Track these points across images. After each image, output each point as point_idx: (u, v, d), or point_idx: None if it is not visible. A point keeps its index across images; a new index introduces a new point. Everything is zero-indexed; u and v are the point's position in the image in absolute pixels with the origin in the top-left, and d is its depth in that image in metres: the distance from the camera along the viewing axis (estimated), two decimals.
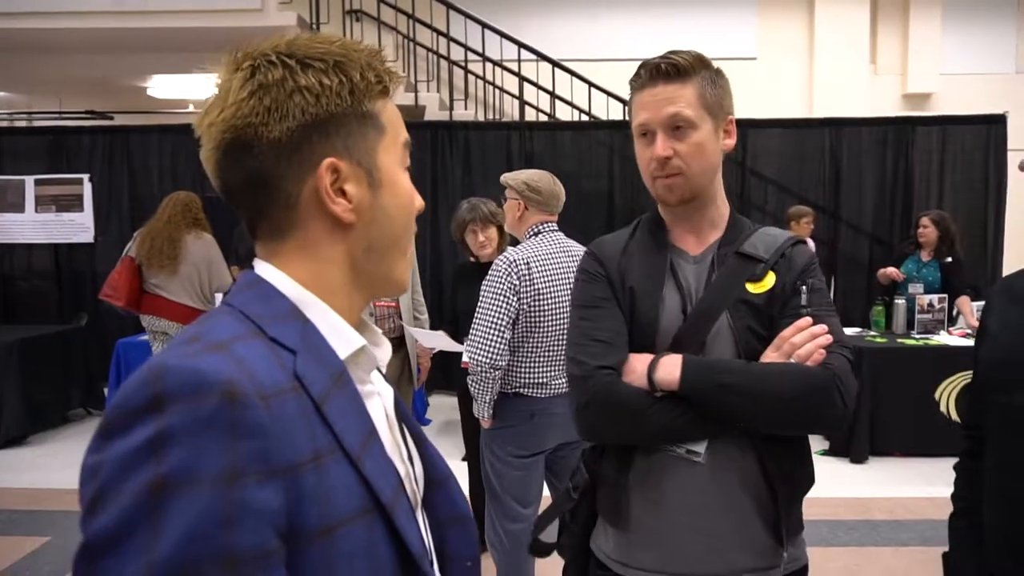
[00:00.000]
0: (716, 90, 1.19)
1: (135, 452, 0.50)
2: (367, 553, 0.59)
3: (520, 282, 2.28)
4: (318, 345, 0.64)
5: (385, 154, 0.69)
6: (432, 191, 5.94)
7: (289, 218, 0.66)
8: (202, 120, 0.66)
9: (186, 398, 0.51)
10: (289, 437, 0.55)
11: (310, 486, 0.55)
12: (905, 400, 4.32)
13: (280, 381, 0.57)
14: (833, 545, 3.26)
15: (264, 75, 0.63)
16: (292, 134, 0.64)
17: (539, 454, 2.41)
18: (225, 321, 0.61)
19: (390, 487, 0.64)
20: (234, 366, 0.54)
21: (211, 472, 0.50)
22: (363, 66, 0.67)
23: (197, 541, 0.49)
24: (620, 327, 1.20)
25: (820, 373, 1.11)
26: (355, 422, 0.63)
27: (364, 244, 0.69)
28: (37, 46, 6.66)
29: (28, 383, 4.85)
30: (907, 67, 7.70)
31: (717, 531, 1.17)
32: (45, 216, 5.97)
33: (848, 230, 5.96)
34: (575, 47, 7.31)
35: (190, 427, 0.50)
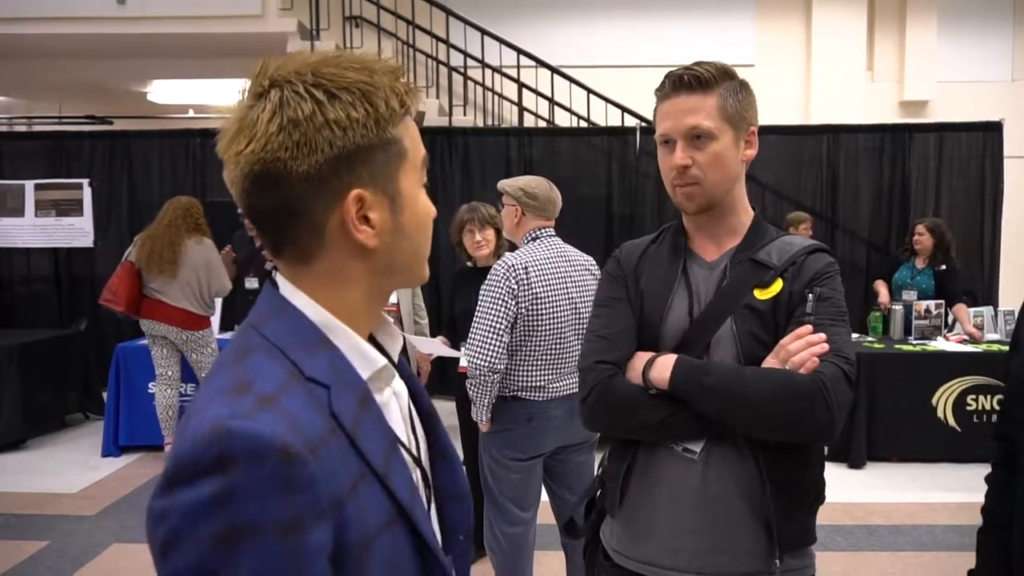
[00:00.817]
0: (738, 102, 1.21)
1: (205, 503, 0.56)
2: (393, 552, 0.67)
3: (519, 286, 2.30)
4: (345, 371, 0.69)
5: (406, 178, 0.72)
6: (431, 197, 5.88)
7: (315, 245, 0.69)
8: (227, 147, 0.67)
9: (248, 460, 0.57)
10: (335, 477, 0.61)
11: (350, 513, 0.62)
12: (903, 405, 4.34)
13: (321, 428, 0.63)
14: (831, 550, 3.27)
15: (293, 110, 0.65)
16: (320, 167, 0.66)
17: (537, 457, 2.42)
18: (268, 366, 0.65)
19: (407, 492, 0.70)
20: (286, 426, 0.59)
21: (274, 523, 0.56)
22: (387, 92, 0.68)
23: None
24: (627, 325, 1.25)
25: (805, 380, 1.11)
26: (380, 442, 0.68)
27: (386, 264, 0.72)
28: (37, 51, 6.68)
29: (27, 387, 4.85)
30: (904, 74, 7.74)
31: (708, 531, 1.18)
32: (45, 221, 5.97)
33: (845, 236, 5.98)
34: (574, 53, 7.34)
35: (253, 485, 0.56)
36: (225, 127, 0.68)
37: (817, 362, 1.12)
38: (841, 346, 1.15)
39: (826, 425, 1.11)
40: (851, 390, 1.14)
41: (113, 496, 3.94)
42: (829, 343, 1.14)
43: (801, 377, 1.11)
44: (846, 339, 1.18)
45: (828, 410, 1.10)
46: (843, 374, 1.13)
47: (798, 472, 1.19)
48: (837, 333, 1.16)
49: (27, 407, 4.85)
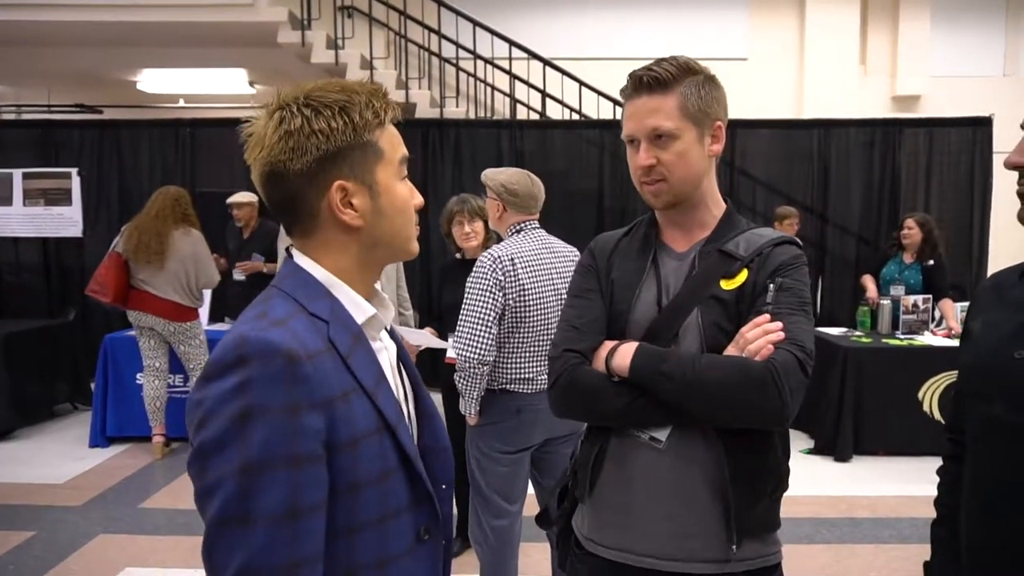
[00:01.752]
0: (701, 98, 1.22)
1: (228, 391, 0.77)
2: (379, 456, 0.86)
3: (505, 278, 2.31)
4: (342, 315, 0.90)
5: (382, 171, 0.92)
6: (422, 189, 5.91)
7: (313, 224, 0.91)
8: (249, 155, 0.90)
9: (261, 358, 0.78)
10: (327, 382, 0.81)
11: (341, 413, 0.82)
12: (889, 400, 4.37)
13: (319, 345, 0.84)
14: (815, 542, 3.30)
15: (288, 124, 0.87)
16: (310, 166, 0.87)
17: (525, 450, 2.43)
18: (281, 303, 0.87)
19: (394, 413, 0.89)
20: (291, 337, 0.80)
21: (279, 404, 0.77)
22: (363, 107, 0.89)
23: (272, 446, 0.76)
24: (598, 315, 1.28)
25: (756, 366, 1.12)
26: (370, 369, 0.89)
27: (370, 240, 0.93)
28: (25, 38, 6.62)
29: (15, 377, 4.83)
30: (896, 69, 7.75)
31: (676, 517, 1.20)
32: (33, 210, 5.93)
33: (835, 231, 6.00)
34: (566, 46, 7.32)
35: (264, 377, 0.77)
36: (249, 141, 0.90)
37: (772, 349, 1.13)
38: (797, 334, 1.16)
39: (777, 410, 1.13)
40: (805, 376, 1.15)
41: (100, 487, 3.93)
42: (786, 331, 1.15)
43: (754, 364, 1.13)
44: (804, 328, 1.19)
45: (780, 396, 1.12)
46: (796, 361, 1.14)
47: (758, 460, 1.21)
48: (795, 322, 1.17)
49: (15, 397, 4.83)
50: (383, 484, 0.86)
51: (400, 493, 0.88)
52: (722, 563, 1.20)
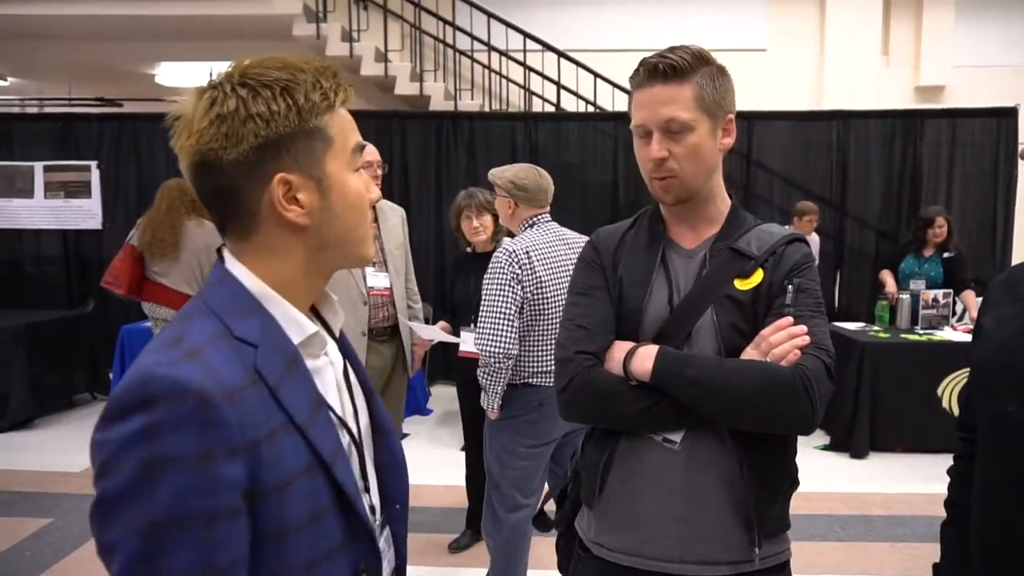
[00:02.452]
0: (715, 89, 1.18)
1: (130, 436, 0.66)
2: (311, 497, 0.76)
3: (522, 271, 2.30)
4: (276, 336, 0.78)
5: (332, 162, 0.80)
6: (436, 181, 5.95)
7: (252, 223, 0.79)
8: (176, 141, 0.78)
9: (168, 400, 0.67)
10: (250, 422, 0.71)
11: (266, 456, 0.72)
12: (907, 396, 4.30)
13: (241, 379, 0.72)
14: (829, 540, 3.26)
15: (221, 106, 0.75)
16: (247, 155, 0.76)
17: (548, 444, 2.42)
18: (201, 325, 0.75)
19: (331, 447, 0.79)
20: (205, 373, 0.69)
21: (190, 453, 0.66)
22: (308, 88, 0.77)
23: (182, 502, 0.66)
24: (607, 314, 1.23)
25: (787, 372, 1.10)
26: (304, 399, 0.78)
27: (318, 240, 0.81)
28: (46, 32, 6.70)
29: (35, 367, 4.91)
30: (920, 59, 7.61)
31: (689, 520, 1.17)
32: (54, 202, 6.00)
33: (854, 224, 5.91)
34: (582, 37, 7.27)
35: (172, 422, 0.66)
36: (176, 126, 0.78)
37: (799, 354, 1.11)
38: (822, 338, 1.14)
39: (807, 418, 1.10)
40: (832, 383, 1.13)
41: None
42: (810, 335, 1.13)
43: (783, 370, 1.10)
44: (825, 331, 1.17)
45: (811, 403, 1.09)
46: (824, 367, 1.12)
47: (776, 461, 1.19)
48: (817, 325, 1.15)
49: (35, 387, 4.91)
50: (315, 526, 0.76)
51: (334, 533, 0.78)
52: (735, 564, 1.17)
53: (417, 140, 5.95)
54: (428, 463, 4.15)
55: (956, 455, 1.26)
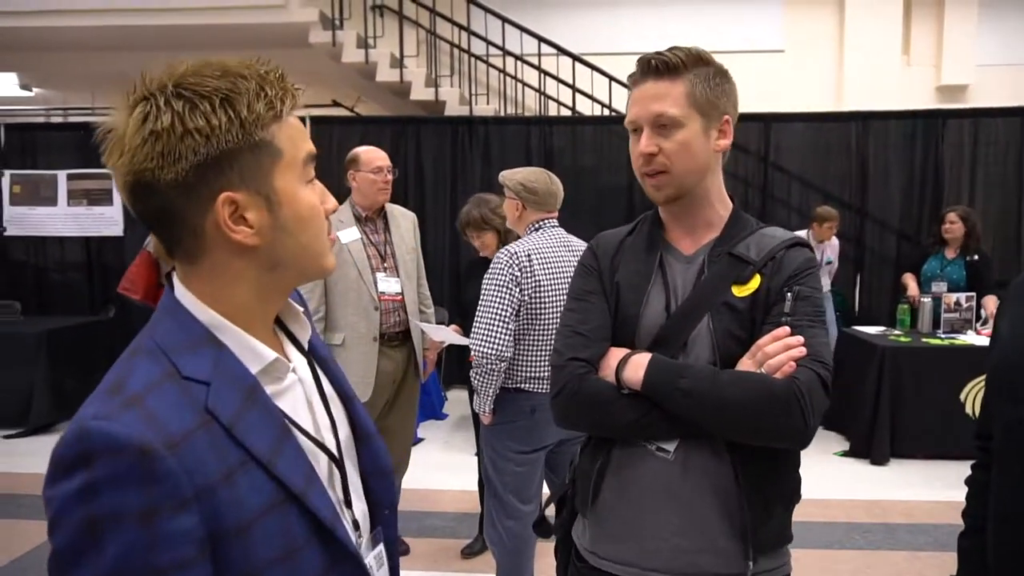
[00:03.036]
0: (710, 89, 1.17)
1: (73, 495, 0.63)
2: (281, 534, 0.71)
3: (521, 274, 2.29)
4: (231, 367, 0.73)
5: (282, 176, 0.74)
6: (451, 186, 5.96)
7: (197, 246, 0.74)
8: (108, 159, 0.71)
9: (106, 456, 0.63)
10: (200, 469, 0.67)
11: (224, 499, 0.68)
12: (929, 401, 4.22)
13: (189, 424, 0.68)
14: (847, 548, 3.20)
15: (154, 122, 0.68)
16: (187, 174, 0.69)
17: (540, 450, 2.40)
18: (144, 368, 0.70)
19: (301, 477, 0.74)
20: (146, 424, 0.65)
21: (132, 511, 0.63)
22: (252, 97, 0.71)
23: (128, 560, 0.63)
24: (603, 321, 1.22)
25: (781, 385, 1.07)
26: (266, 432, 0.73)
27: (270, 261, 0.76)
28: (69, 44, 6.83)
29: (56, 373, 5.00)
30: (942, 58, 7.49)
31: (683, 531, 1.15)
32: (76, 210, 6.11)
33: (874, 226, 5.81)
34: (597, 41, 7.25)
35: (112, 479, 0.63)
36: (107, 142, 0.71)
37: (794, 366, 1.08)
38: (819, 349, 1.11)
39: (799, 432, 1.08)
40: (827, 396, 1.10)
41: None
42: (807, 346, 1.10)
43: (777, 383, 1.08)
44: (823, 341, 1.13)
45: (803, 417, 1.07)
46: (820, 380, 1.09)
47: (772, 473, 1.16)
48: (815, 335, 1.12)
49: (56, 392, 4.99)
50: (289, 562, 0.72)
51: (314, 563, 0.74)
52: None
53: (432, 145, 5.97)
54: (442, 467, 4.15)
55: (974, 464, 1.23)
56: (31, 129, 6.51)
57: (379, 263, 2.94)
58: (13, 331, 5.11)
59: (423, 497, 3.68)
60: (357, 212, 2.94)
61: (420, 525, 3.41)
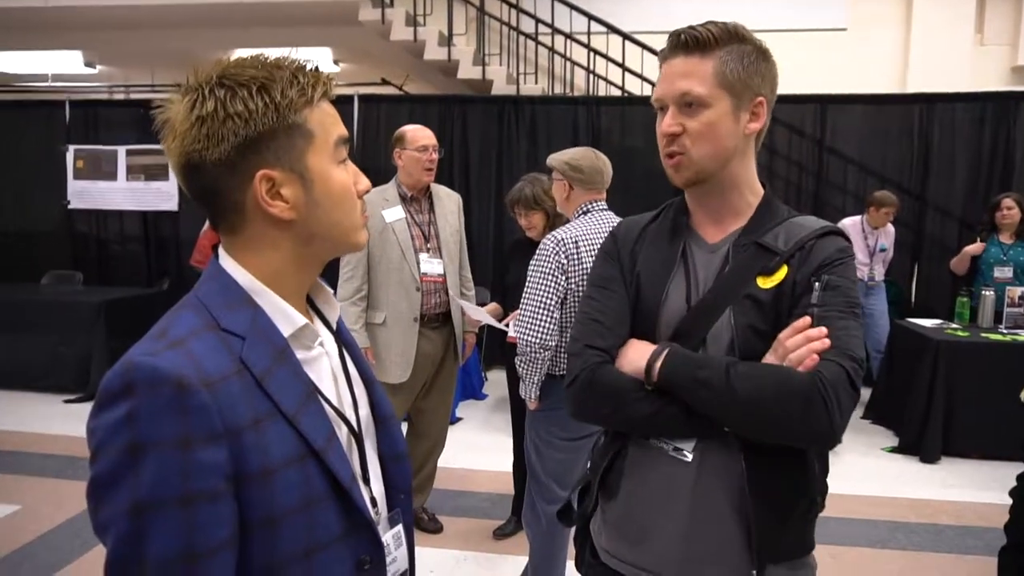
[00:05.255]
0: (743, 67, 1.09)
1: (117, 422, 0.70)
2: (302, 486, 0.77)
3: (568, 261, 2.26)
4: (265, 328, 0.80)
5: (315, 156, 0.82)
6: (497, 165, 5.93)
7: (239, 219, 0.82)
8: (165, 144, 0.80)
9: (148, 387, 0.70)
10: (232, 409, 0.73)
11: (250, 442, 0.74)
12: (986, 399, 4.03)
13: (225, 368, 0.75)
14: (890, 547, 3.10)
15: (200, 108, 0.77)
16: (229, 154, 0.78)
17: (586, 437, 2.38)
18: (187, 316, 0.78)
19: (322, 437, 0.80)
20: (186, 361, 0.72)
21: (169, 438, 0.69)
22: (286, 84, 0.79)
23: (163, 484, 0.69)
24: (621, 310, 1.17)
25: (801, 379, 1.00)
26: (292, 389, 0.79)
27: (306, 233, 0.83)
28: (132, 22, 7.02)
29: (114, 341, 5.21)
30: (1019, 37, 7.06)
31: (695, 537, 1.11)
32: (135, 184, 6.32)
33: (935, 214, 5.56)
34: (650, 19, 7.06)
35: (151, 408, 0.69)
36: (164, 129, 0.80)
37: (816, 359, 1.00)
38: (847, 342, 1.03)
39: (824, 430, 1.00)
40: (856, 392, 1.03)
41: None
42: (834, 338, 1.01)
43: (798, 376, 1.00)
44: (854, 334, 1.05)
45: (827, 412, 0.98)
46: (846, 374, 1.01)
47: (786, 477, 1.09)
48: (844, 327, 1.04)
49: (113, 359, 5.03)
50: (307, 515, 0.77)
51: (331, 523, 0.79)
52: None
53: (478, 124, 5.94)
54: (479, 448, 4.18)
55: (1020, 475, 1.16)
56: (94, 105, 6.73)
57: (422, 243, 2.94)
58: (75, 300, 5.33)
59: (458, 477, 3.72)
60: (403, 191, 2.95)
61: (454, 504, 3.44)
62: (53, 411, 4.88)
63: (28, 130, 6.45)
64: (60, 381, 5.15)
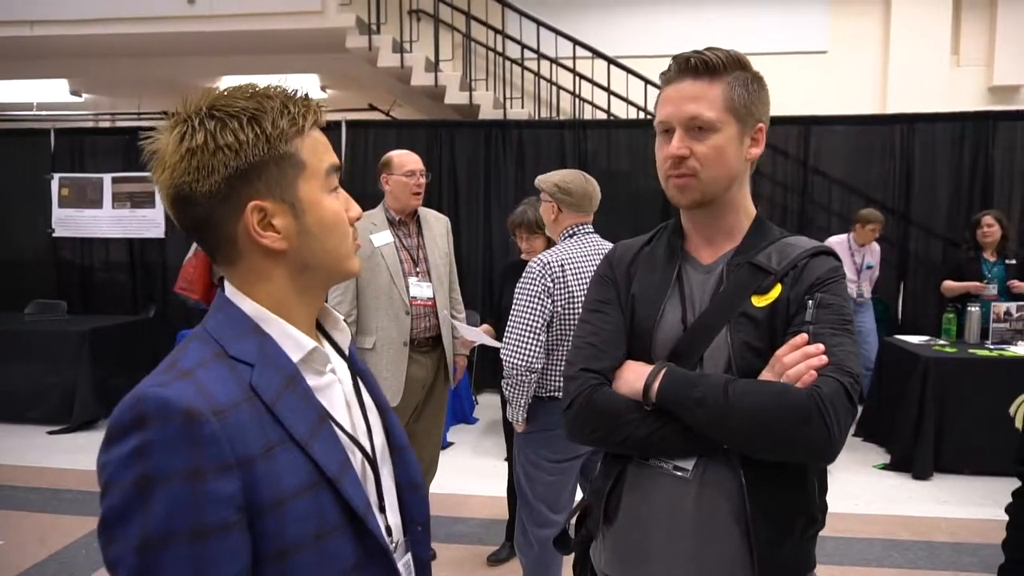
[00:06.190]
0: (747, 94, 1.12)
1: (126, 456, 0.69)
2: (315, 515, 0.76)
3: (554, 284, 2.26)
4: (274, 355, 0.80)
5: (305, 185, 0.81)
6: (485, 190, 5.96)
7: (234, 251, 0.81)
8: (153, 175, 0.80)
9: (158, 419, 0.69)
10: (242, 439, 0.72)
11: (262, 472, 0.73)
12: (976, 415, 4.05)
13: (234, 396, 0.74)
14: (885, 566, 3.09)
15: (190, 140, 0.76)
16: (219, 186, 0.77)
17: (574, 459, 2.37)
18: (195, 347, 0.78)
19: (336, 463, 0.79)
20: (195, 392, 0.71)
21: (179, 470, 0.68)
22: (276, 115, 0.78)
23: (174, 518, 0.68)
24: (616, 333, 1.18)
25: (800, 394, 1.01)
26: (304, 415, 0.78)
27: (299, 263, 0.83)
28: (116, 50, 7.03)
29: (100, 370, 5.14)
30: (994, 58, 7.23)
31: (699, 557, 1.10)
32: (120, 212, 6.28)
33: (919, 232, 5.63)
34: (634, 43, 7.18)
35: (162, 440, 0.69)
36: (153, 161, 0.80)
37: (814, 375, 1.02)
38: (843, 358, 1.04)
39: (822, 444, 1.01)
40: (853, 407, 1.04)
41: None
42: (830, 355, 1.03)
43: (795, 392, 1.01)
44: (849, 350, 1.06)
45: (826, 428, 1.00)
46: (843, 389, 1.02)
47: (785, 495, 1.10)
48: (839, 344, 1.05)
49: (100, 389, 5.13)
50: (322, 546, 0.76)
51: (345, 553, 0.78)
52: None
53: (466, 148, 5.97)
54: (471, 473, 4.14)
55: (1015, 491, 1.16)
56: (80, 133, 6.71)
57: (411, 267, 2.94)
58: (59, 329, 5.26)
59: (451, 502, 3.68)
60: (390, 216, 2.95)
61: (448, 531, 3.40)
62: (37, 443, 4.79)
63: (13, 158, 6.42)
64: (44, 412, 5.07)
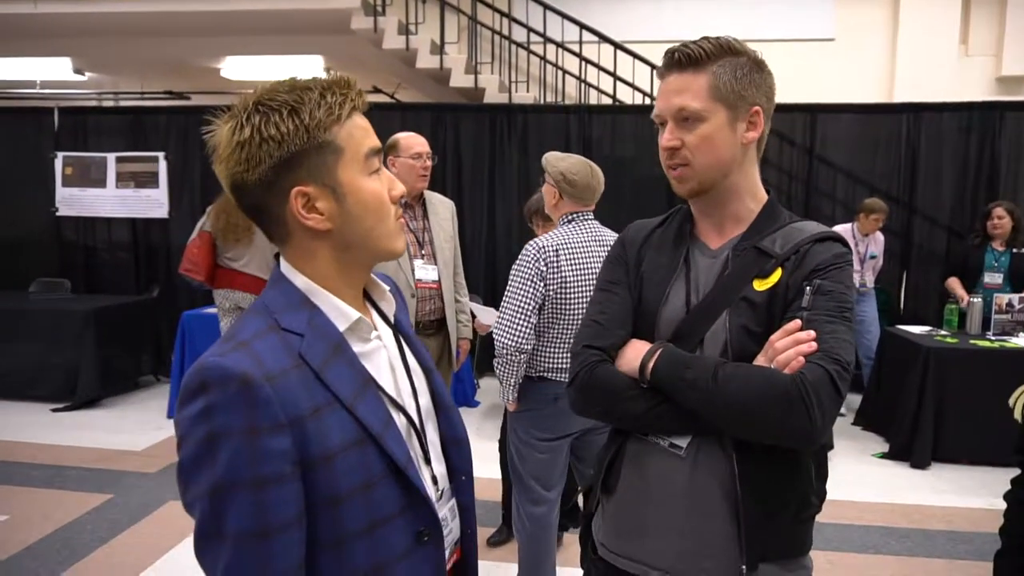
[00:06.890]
0: (736, 79, 1.13)
1: (195, 415, 0.79)
2: (362, 468, 0.86)
3: (547, 268, 2.28)
4: (322, 326, 0.88)
5: (345, 170, 0.88)
6: (489, 174, 5.95)
7: (284, 231, 0.90)
8: (215, 167, 0.88)
9: (218, 385, 0.79)
10: (292, 401, 0.81)
11: (311, 431, 0.82)
12: (976, 405, 4.07)
13: (285, 363, 0.83)
14: (882, 553, 3.12)
15: (239, 134, 0.84)
16: (267, 174, 0.85)
17: (564, 438, 2.41)
18: (252, 320, 0.88)
19: (379, 422, 0.88)
20: (250, 360, 0.81)
21: (238, 428, 0.78)
22: (314, 106, 0.85)
23: (237, 468, 0.78)
24: (623, 312, 1.22)
25: (782, 379, 1.03)
26: (349, 380, 0.88)
27: (343, 242, 0.90)
28: (122, 29, 6.99)
29: (103, 349, 5.17)
30: (1002, 47, 7.18)
31: (691, 532, 1.13)
32: (124, 192, 6.27)
33: (923, 222, 5.62)
34: (641, 28, 7.14)
35: (223, 402, 0.79)
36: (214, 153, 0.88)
37: (803, 362, 1.03)
38: (834, 346, 1.05)
39: (805, 429, 1.02)
40: (838, 394, 1.04)
41: (175, 456, 4.12)
42: (821, 342, 1.04)
43: (780, 377, 1.03)
44: (842, 338, 1.06)
45: (807, 413, 1.01)
46: (828, 376, 1.03)
47: (776, 476, 1.11)
48: (832, 331, 1.06)
49: (103, 368, 5.17)
50: (369, 494, 0.86)
51: (391, 500, 0.88)
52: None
53: (471, 132, 5.95)
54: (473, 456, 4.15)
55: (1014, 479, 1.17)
56: (83, 112, 6.69)
57: (417, 250, 2.94)
58: (63, 308, 5.28)
59: None
60: None
61: None
62: (41, 420, 4.83)
63: (16, 137, 6.40)
64: (48, 390, 5.11)
